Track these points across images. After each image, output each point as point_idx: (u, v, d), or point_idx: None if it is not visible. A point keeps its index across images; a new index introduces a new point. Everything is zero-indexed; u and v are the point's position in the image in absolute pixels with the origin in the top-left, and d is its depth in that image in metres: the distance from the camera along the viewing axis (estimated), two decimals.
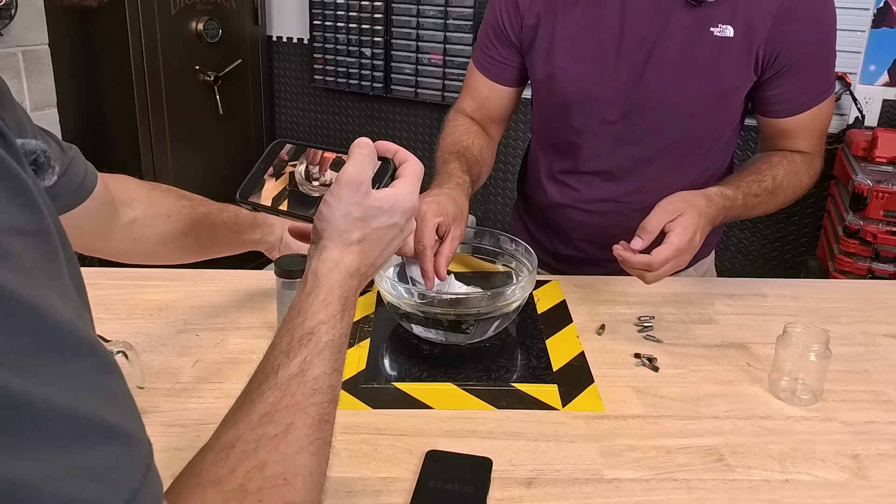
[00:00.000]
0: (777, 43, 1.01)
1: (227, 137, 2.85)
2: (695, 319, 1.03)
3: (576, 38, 1.07)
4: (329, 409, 0.51)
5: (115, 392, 0.34)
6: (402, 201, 0.60)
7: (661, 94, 1.05)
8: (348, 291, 0.56)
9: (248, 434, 0.46)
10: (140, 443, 0.34)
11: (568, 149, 1.16)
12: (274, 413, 0.47)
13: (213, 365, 0.89)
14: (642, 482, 0.71)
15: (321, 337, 0.52)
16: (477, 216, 2.85)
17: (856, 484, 0.72)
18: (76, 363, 0.31)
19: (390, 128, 2.91)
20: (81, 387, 0.31)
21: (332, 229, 0.57)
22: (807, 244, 2.42)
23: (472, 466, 0.71)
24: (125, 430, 0.33)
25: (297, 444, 0.47)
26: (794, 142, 1.10)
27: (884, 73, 2.18)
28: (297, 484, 0.45)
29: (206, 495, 0.42)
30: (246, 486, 0.43)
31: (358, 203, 0.57)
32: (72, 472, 0.30)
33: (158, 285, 1.07)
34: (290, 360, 0.51)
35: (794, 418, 0.82)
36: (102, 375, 0.33)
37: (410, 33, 2.69)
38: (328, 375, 0.51)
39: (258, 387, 0.50)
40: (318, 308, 0.54)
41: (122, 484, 0.32)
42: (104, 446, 0.32)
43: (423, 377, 0.88)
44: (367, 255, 0.58)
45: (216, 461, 0.44)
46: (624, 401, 0.84)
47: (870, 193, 1.92)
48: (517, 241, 1.04)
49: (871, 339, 1.00)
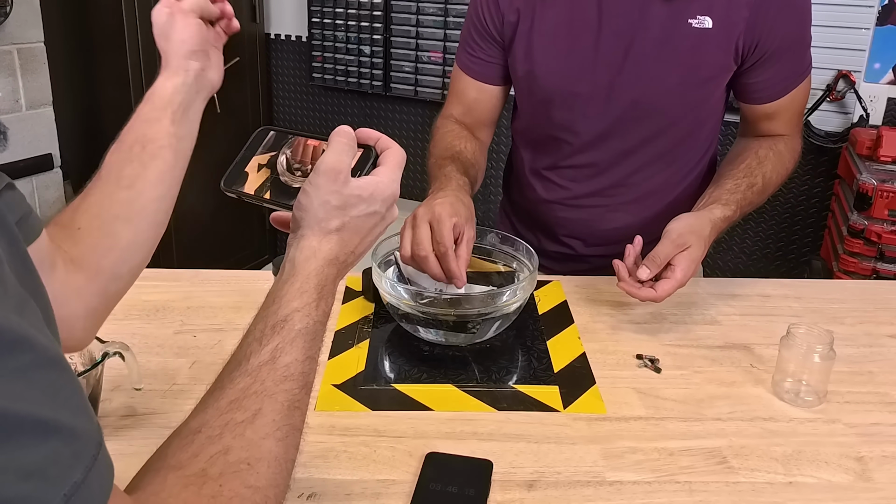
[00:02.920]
0: (756, 32, 1.01)
1: (224, 136, 2.82)
2: (697, 320, 1.02)
3: (554, 34, 1.07)
4: (300, 396, 0.51)
5: (56, 387, 0.33)
6: (382, 189, 0.59)
7: (640, 88, 1.05)
8: (325, 279, 0.56)
9: (216, 419, 0.46)
10: (85, 435, 0.34)
11: (551, 144, 1.16)
12: (243, 399, 0.48)
13: (210, 366, 0.88)
14: (644, 484, 0.70)
15: (294, 324, 0.52)
16: (477, 216, 2.84)
17: (860, 486, 0.71)
18: (9, 360, 0.31)
19: (390, 126, 2.90)
20: (14, 384, 0.31)
21: (310, 218, 0.57)
22: (811, 244, 2.41)
23: (473, 469, 0.70)
24: (66, 424, 0.33)
25: (263, 429, 0.47)
26: (775, 124, 1.11)
27: (888, 71, 2.17)
28: (260, 468, 0.45)
29: (166, 479, 0.42)
30: (207, 470, 0.43)
31: (336, 191, 0.57)
32: (6, 471, 0.30)
33: (155, 286, 1.07)
34: (262, 348, 0.51)
35: (798, 420, 0.81)
36: (41, 371, 0.33)
37: (410, 31, 2.68)
38: (300, 363, 0.51)
39: (229, 374, 0.50)
40: (293, 296, 0.54)
41: (61, 478, 0.32)
42: (40, 442, 0.31)
43: (422, 378, 0.87)
44: (346, 243, 0.58)
45: (181, 446, 0.45)
46: (626, 402, 0.83)
47: (874, 193, 1.90)
48: (518, 241, 1.03)
49: (876, 339, 0.99)
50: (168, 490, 0.42)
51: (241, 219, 2.98)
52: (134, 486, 0.43)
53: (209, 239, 2.83)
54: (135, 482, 0.43)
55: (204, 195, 2.95)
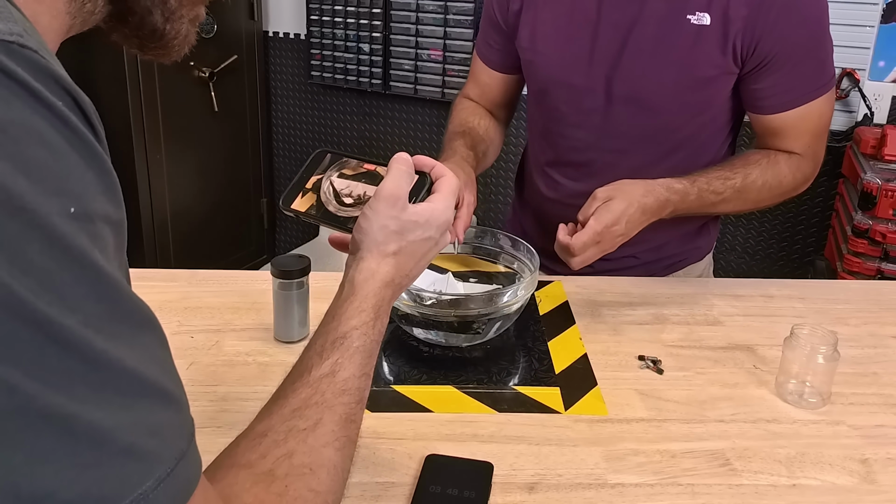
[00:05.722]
0: (755, 33, 0.98)
1: (222, 135, 2.83)
2: (700, 321, 1.02)
3: (555, 23, 1.08)
4: (356, 410, 0.54)
5: (171, 365, 0.39)
6: (437, 215, 0.63)
7: (635, 82, 1.04)
8: (382, 300, 0.60)
9: (280, 425, 0.50)
10: (188, 413, 0.40)
11: (550, 138, 1.16)
12: (304, 408, 0.52)
13: (208, 367, 0.87)
14: (646, 487, 0.70)
15: (353, 342, 0.56)
16: (477, 216, 2.84)
17: (864, 489, 0.71)
18: (142, 335, 0.37)
19: (389, 125, 2.89)
20: (146, 355, 0.36)
21: (369, 241, 0.61)
22: (814, 244, 2.40)
23: (473, 471, 0.70)
24: (179, 399, 0.39)
25: (323, 438, 0.51)
26: (784, 141, 1.07)
27: (893, 68, 2.15)
28: (321, 475, 0.49)
29: (238, 475, 0.47)
30: (274, 471, 0.47)
31: (395, 217, 0.61)
32: (137, 425, 0.35)
33: (152, 286, 1.06)
34: (323, 361, 0.55)
35: (802, 422, 0.81)
36: (162, 350, 0.39)
37: (410, 28, 2.67)
38: (357, 378, 0.55)
39: (291, 384, 0.54)
40: (351, 314, 0.58)
41: (174, 443, 0.37)
42: (163, 409, 0.37)
43: (422, 380, 0.86)
44: (402, 266, 0.62)
45: (249, 447, 0.49)
46: (628, 404, 0.83)
47: (879, 192, 1.89)
48: (518, 241, 1.03)
49: (881, 340, 0.99)
50: (241, 485, 0.46)
51: (239, 219, 2.97)
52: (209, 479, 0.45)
53: (207, 239, 2.82)
54: (208, 475, 0.46)
55: (201, 195, 2.96)
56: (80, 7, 0.43)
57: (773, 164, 1.06)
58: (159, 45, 0.49)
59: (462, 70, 2.60)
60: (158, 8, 0.46)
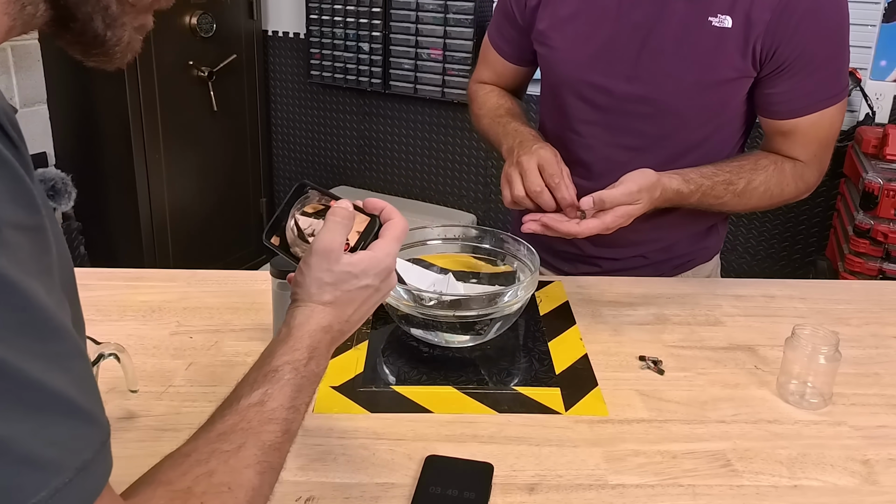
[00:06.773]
0: (775, 38, 0.98)
1: (221, 135, 2.83)
2: (701, 321, 1.02)
3: (573, 20, 1.07)
4: (282, 440, 0.55)
5: (81, 376, 0.39)
6: (375, 264, 0.64)
7: (654, 83, 1.04)
8: (317, 343, 0.61)
9: (205, 447, 0.51)
10: (98, 423, 0.39)
11: (563, 137, 1.16)
12: (230, 433, 0.53)
13: (207, 368, 0.87)
14: (647, 488, 0.70)
15: (284, 374, 0.58)
16: (477, 216, 2.83)
17: (866, 490, 0.71)
18: (51, 345, 0.37)
19: (389, 125, 2.88)
20: (53, 366, 0.36)
21: (303, 293, 0.63)
22: (816, 244, 2.39)
23: (473, 472, 0.70)
24: (86, 409, 0.38)
25: (245, 460, 0.52)
26: (791, 146, 1.07)
27: (895, 68, 2.15)
28: (239, 495, 0.50)
29: (156, 492, 0.47)
30: (192, 488, 0.48)
31: (328, 270, 0.62)
32: (36, 435, 0.35)
33: (151, 286, 1.06)
34: (253, 391, 0.56)
35: (803, 422, 0.81)
36: (72, 360, 0.38)
37: (409, 28, 2.66)
38: (285, 409, 0.56)
39: (221, 412, 0.55)
40: (284, 352, 0.59)
41: (76, 453, 0.37)
42: (66, 419, 0.37)
43: (422, 380, 0.86)
44: (340, 313, 0.63)
45: (171, 466, 0.50)
46: (628, 405, 0.82)
47: (881, 192, 1.89)
48: (519, 242, 1.02)
49: (882, 341, 0.98)
50: (156, 501, 0.46)
51: (238, 218, 2.97)
52: (127, 495, 0.46)
53: (206, 239, 2.81)
54: (128, 492, 0.47)
55: (200, 194, 2.96)
56: (20, 9, 0.42)
57: (780, 171, 1.06)
58: (101, 52, 0.48)
59: (462, 70, 2.60)
60: (100, 14, 0.46)
